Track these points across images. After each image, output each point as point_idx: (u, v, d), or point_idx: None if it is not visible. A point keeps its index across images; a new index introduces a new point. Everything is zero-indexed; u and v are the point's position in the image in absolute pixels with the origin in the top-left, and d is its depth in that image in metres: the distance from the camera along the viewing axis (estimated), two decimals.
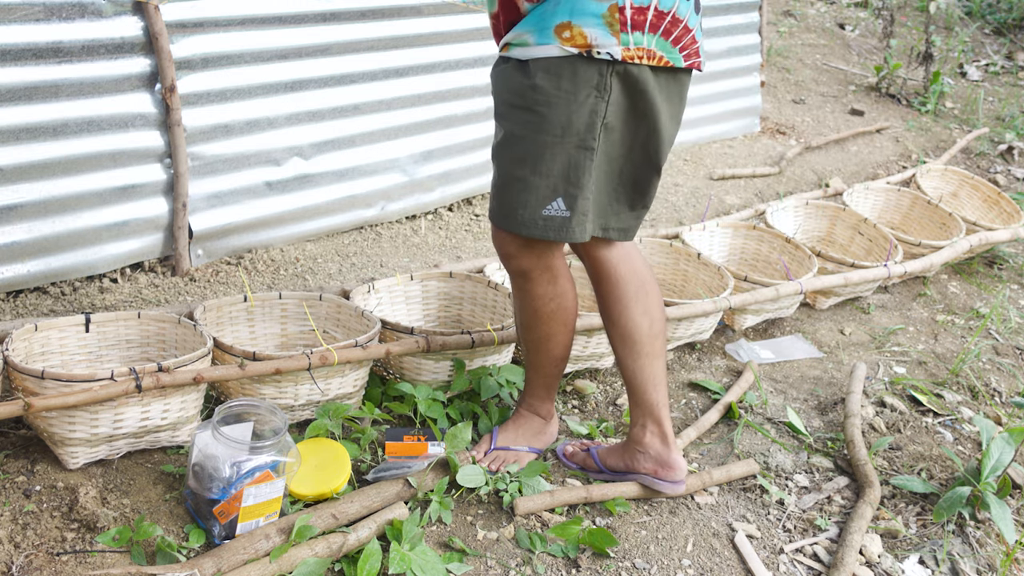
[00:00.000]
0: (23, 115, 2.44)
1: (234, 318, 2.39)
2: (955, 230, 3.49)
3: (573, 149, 1.79)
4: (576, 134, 1.78)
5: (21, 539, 1.77)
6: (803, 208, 3.51)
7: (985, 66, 6.69)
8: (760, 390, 2.63)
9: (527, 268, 1.96)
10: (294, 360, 2.07)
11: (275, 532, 1.79)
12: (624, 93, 1.79)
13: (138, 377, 1.88)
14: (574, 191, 1.82)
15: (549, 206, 1.82)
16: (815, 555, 2.06)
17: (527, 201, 1.83)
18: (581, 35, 1.73)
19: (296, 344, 2.46)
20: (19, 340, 2.01)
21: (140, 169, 2.70)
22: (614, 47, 1.73)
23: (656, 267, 3.03)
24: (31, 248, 2.55)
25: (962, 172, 4.03)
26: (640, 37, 1.74)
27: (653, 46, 1.77)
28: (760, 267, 3.22)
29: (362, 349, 2.16)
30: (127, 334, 2.20)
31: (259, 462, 1.78)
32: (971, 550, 2.12)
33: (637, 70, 1.77)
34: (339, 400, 2.22)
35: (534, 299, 2.01)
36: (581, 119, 1.77)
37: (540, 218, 1.83)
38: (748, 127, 4.87)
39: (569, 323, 2.08)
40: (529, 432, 2.22)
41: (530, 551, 1.95)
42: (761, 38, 4.79)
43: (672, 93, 1.87)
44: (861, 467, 2.29)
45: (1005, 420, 2.65)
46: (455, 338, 2.28)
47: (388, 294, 2.60)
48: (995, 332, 3.22)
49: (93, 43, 2.51)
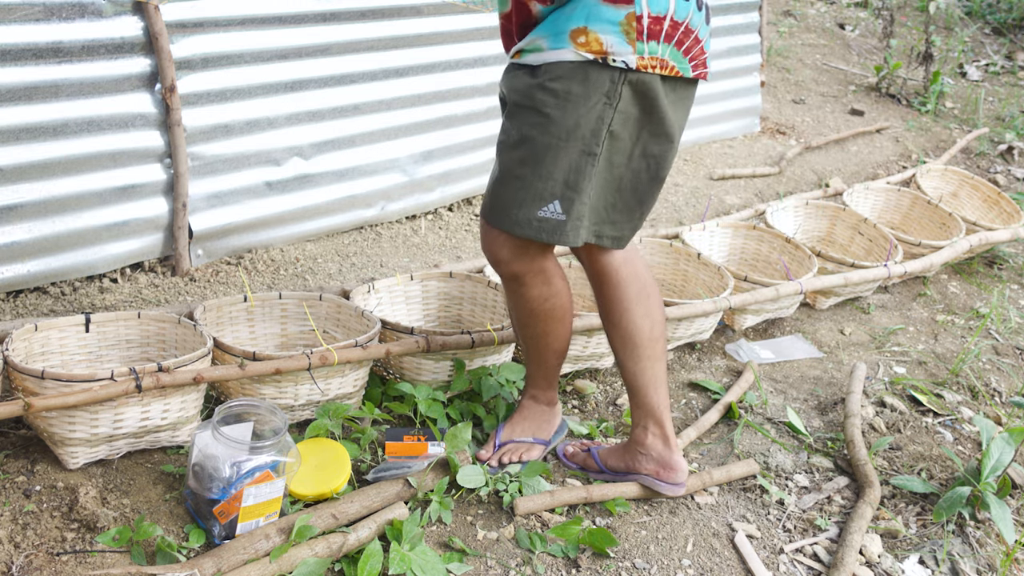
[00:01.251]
0: (23, 115, 2.44)
1: (234, 318, 2.39)
2: (955, 230, 3.49)
3: (576, 154, 1.79)
4: (581, 139, 1.78)
5: (21, 539, 1.77)
6: (803, 208, 3.51)
7: (985, 66, 6.69)
8: (760, 390, 2.63)
9: (520, 272, 1.96)
10: (294, 360, 2.07)
11: (275, 532, 1.79)
12: (633, 102, 1.79)
13: (138, 377, 1.88)
14: (572, 195, 1.82)
15: (545, 208, 1.82)
16: (815, 555, 2.06)
17: (523, 200, 1.83)
18: (597, 41, 1.73)
19: (296, 344, 2.46)
20: (19, 340, 2.01)
21: (140, 169, 2.70)
22: (629, 55, 1.73)
23: (656, 267, 3.03)
24: (31, 248, 2.55)
25: (962, 172, 4.04)
26: (655, 47, 1.75)
27: (667, 56, 1.78)
28: (760, 267, 3.22)
29: (362, 349, 2.16)
30: (127, 334, 2.21)
31: (259, 462, 1.78)
32: (971, 550, 2.12)
33: (649, 79, 1.77)
34: (339, 400, 2.22)
35: (529, 301, 2.01)
36: (588, 124, 1.77)
37: (535, 219, 1.83)
38: (748, 127, 4.87)
39: (566, 319, 2.08)
40: (534, 423, 2.23)
41: (530, 551, 1.95)
42: (761, 38, 4.79)
43: (679, 103, 1.88)
44: (861, 467, 2.29)
45: (1005, 420, 2.65)
46: (455, 338, 2.28)
47: (388, 294, 2.60)
48: (995, 332, 3.22)
49: (93, 43, 2.51)
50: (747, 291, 2.81)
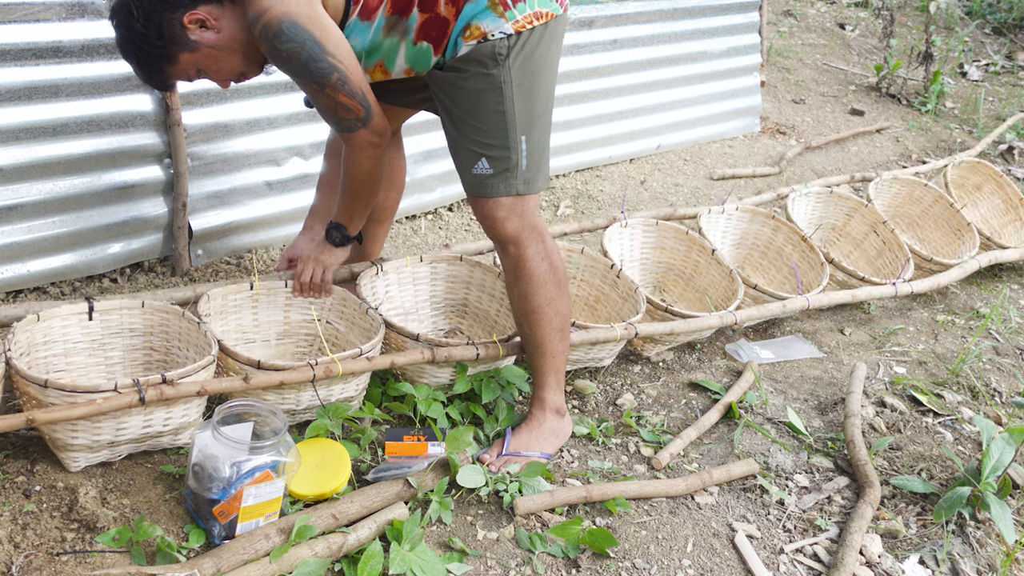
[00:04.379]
0: (23, 115, 2.44)
1: (239, 306, 2.37)
2: (968, 241, 3.48)
3: (502, 116, 2.04)
4: (497, 105, 2.03)
5: (21, 539, 1.77)
6: (826, 196, 3.47)
7: (985, 66, 6.69)
8: (760, 390, 2.63)
9: (515, 232, 2.12)
10: (298, 372, 2.05)
11: (275, 532, 1.79)
12: (522, 58, 2.01)
13: (141, 389, 1.86)
14: (513, 152, 2.05)
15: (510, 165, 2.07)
16: (815, 555, 2.06)
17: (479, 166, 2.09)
18: (478, 29, 1.98)
19: (297, 332, 2.46)
20: (21, 332, 1.99)
21: (140, 169, 2.70)
22: (504, 25, 1.97)
23: (667, 251, 3.05)
24: (31, 248, 2.54)
25: (991, 168, 3.99)
26: (523, 7, 1.99)
27: (537, 7, 2.01)
28: (771, 257, 3.20)
29: (367, 360, 2.15)
30: (131, 322, 2.19)
31: (259, 462, 1.78)
32: (971, 550, 2.12)
33: (530, 34, 2.01)
34: (340, 402, 2.22)
35: (529, 260, 2.14)
36: (496, 93, 2.02)
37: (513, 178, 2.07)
38: (748, 127, 4.87)
39: (562, 284, 2.21)
40: (543, 435, 2.24)
41: (530, 551, 1.95)
42: (761, 38, 4.78)
43: (558, 37, 2.12)
44: (861, 467, 2.29)
45: (1005, 420, 2.65)
46: (460, 350, 2.28)
47: (396, 275, 2.60)
48: (995, 332, 3.22)
49: (93, 43, 2.51)
50: (755, 300, 2.86)
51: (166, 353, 2.21)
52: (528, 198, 2.12)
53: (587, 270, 2.81)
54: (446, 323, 2.71)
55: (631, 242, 3.03)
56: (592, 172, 4.07)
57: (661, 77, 4.29)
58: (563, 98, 3.85)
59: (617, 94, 4.10)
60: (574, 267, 2.82)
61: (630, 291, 2.68)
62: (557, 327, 2.21)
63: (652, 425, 2.45)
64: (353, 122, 2.03)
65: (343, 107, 2.00)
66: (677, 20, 4.30)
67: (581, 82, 3.92)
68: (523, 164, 2.08)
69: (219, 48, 2.02)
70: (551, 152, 2.22)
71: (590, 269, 2.80)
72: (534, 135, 2.08)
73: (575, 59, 3.86)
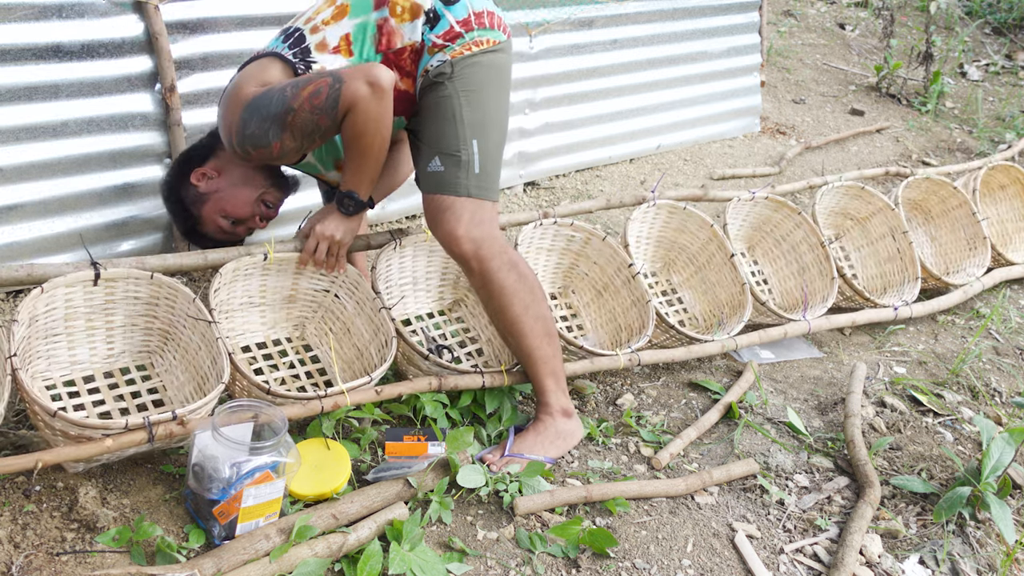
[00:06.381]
0: (23, 115, 2.44)
1: (248, 274, 2.34)
2: (981, 255, 3.47)
3: (452, 119, 2.16)
4: (447, 111, 2.17)
5: (21, 539, 1.77)
6: (856, 189, 3.41)
7: (985, 66, 6.69)
8: (760, 390, 2.63)
9: (474, 246, 2.15)
10: (307, 406, 2.05)
11: (275, 532, 1.79)
12: (467, 73, 2.15)
13: (151, 429, 1.85)
14: (463, 152, 2.15)
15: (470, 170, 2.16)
16: (815, 555, 2.06)
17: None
18: (427, 69, 2.17)
19: (302, 299, 2.44)
20: (25, 310, 1.94)
21: (140, 169, 2.70)
22: (444, 55, 2.15)
23: (687, 233, 3.03)
24: (31, 248, 2.55)
25: (1020, 170, 3.94)
26: (462, 40, 2.16)
27: (477, 36, 2.16)
28: (784, 249, 3.18)
29: (375, 392, 2.16)
30: (136, 291, 2.15)
31: (259, 463, 1.78)
32: (971, 550, 2.12)
33: (471, 55, 2.16)
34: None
35: (495, 272, 2.16)
36: (447, 101, 2.17)
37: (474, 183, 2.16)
38: (748, 127, 4.87)
39: (536, 289, 2.23)
40: (548, 438, 2.24)
41: (530, 551, 1.95)
42: (761, 38, 4.78)
43: (505, 61, 2.25)
44: (861, 467, 2.29)
45: (1005, 420, 2.65)
46: (467, 379, 2.29)
47: (412, 249, 2.59)
48: (995, 332, 3.22)
49: (93, 43, 2.51)
50: (758, 317, 2.87)
51: (169, 325, 2.18)
52: (484, 207, 2.16)
53: (605, 257, 2.79)
54: (451, 295, 2.72)
55: (654, 220, 3.02)
56: (592, 172, 4.07)
57: (661, 77, 4.29)
58: (563, 98, 3.85)
59: (617, 94, 4.10)
60: (592, 250, 2.81)
61: (642, 298, 2.67)
62: (541, 332, 2.22)
63: (652, 425, 2.45)
64: (331, 95, 2.02)
65: (315, 101, 2.02)
66: (677, 20, 4.30)
67: (581, 82, 3.92)
68: (475, 167, 2.14)
69: (224, 188, 2.28)
70: (551, 152, 2.25)
71: (608, 257, 2.78)
72: (485, 142, 2.16)
73: (575, 59, 3.86)
